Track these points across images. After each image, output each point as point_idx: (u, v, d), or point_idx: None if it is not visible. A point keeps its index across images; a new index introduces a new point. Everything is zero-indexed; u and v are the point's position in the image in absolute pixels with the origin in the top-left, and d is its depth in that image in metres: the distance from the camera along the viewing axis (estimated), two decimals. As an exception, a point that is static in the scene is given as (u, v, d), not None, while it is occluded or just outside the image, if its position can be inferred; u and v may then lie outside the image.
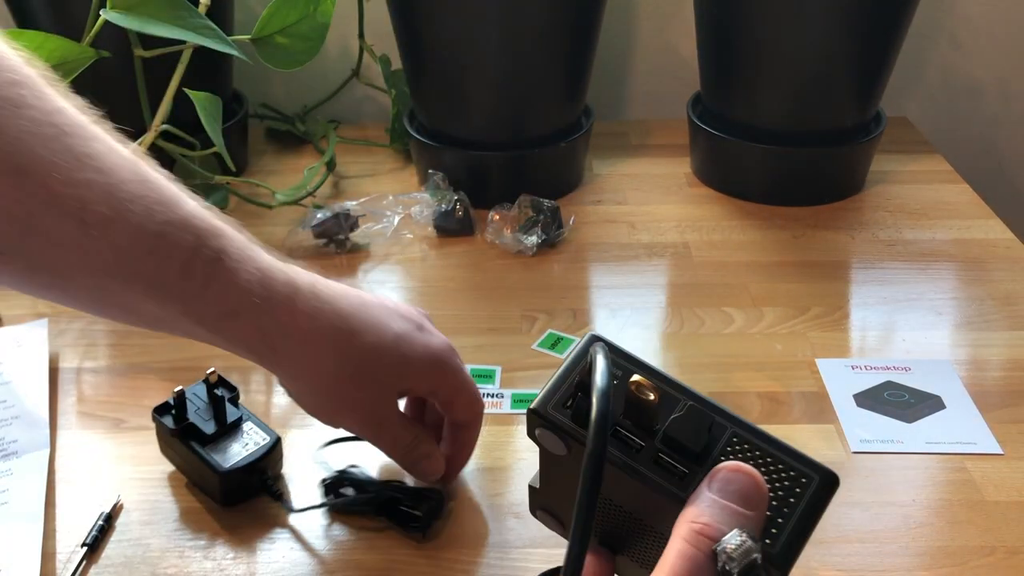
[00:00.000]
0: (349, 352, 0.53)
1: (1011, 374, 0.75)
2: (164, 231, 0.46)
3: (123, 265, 0.45)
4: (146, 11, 0.78)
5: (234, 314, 0.49)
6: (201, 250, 0.47)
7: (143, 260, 0.45)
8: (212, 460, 0.60)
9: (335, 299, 0.53)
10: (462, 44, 0.93)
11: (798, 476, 0.37)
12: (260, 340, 0.51)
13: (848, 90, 0.96)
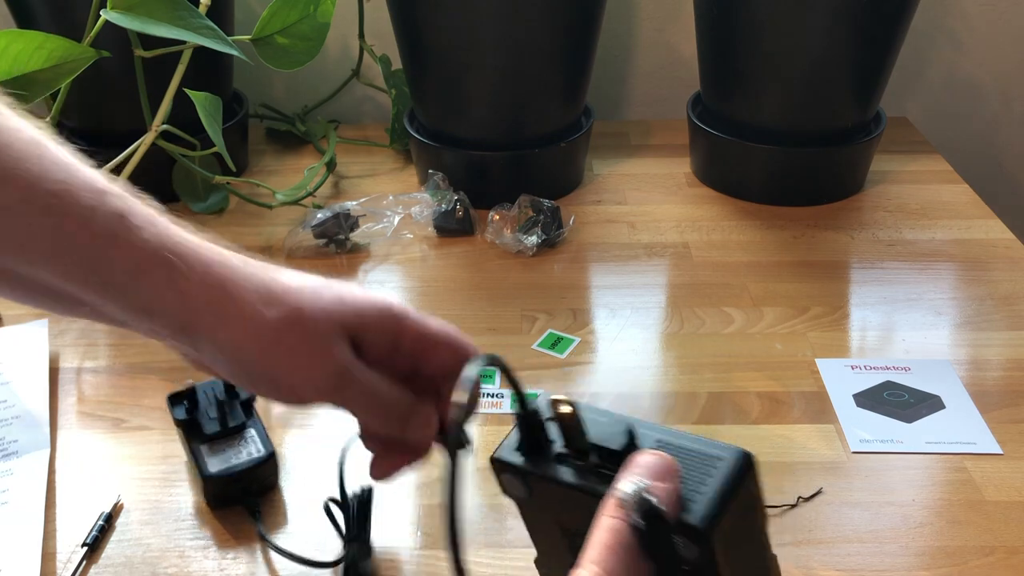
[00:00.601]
0: (277, 297, 0.48)
1: (1011, 374, 0.75)
2: (61, 190, 0.43)
3: (16, 227, 0.43)
4: (146, 11, 0.78)
5: (142, 271, 0.45)
6: (102, 208, 0.44)
7: (38, 220, 0.43)
8: (202, 461, 0.60)
9: (248, 260, 0.49)
10: (462, 44, 0.93)
11: (712, 459, 0.40)
12: (175, 298, 0.46)
13: (848, 90, 0.96)
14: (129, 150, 0.87)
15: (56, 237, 0.43)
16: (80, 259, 0.44)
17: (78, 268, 0.44)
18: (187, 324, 0.46)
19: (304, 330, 0.47)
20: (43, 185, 0.43)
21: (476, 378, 0.40)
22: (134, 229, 0.45)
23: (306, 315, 0.47)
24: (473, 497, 0.63)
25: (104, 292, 0.45)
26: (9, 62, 0.77)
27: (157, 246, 0.45)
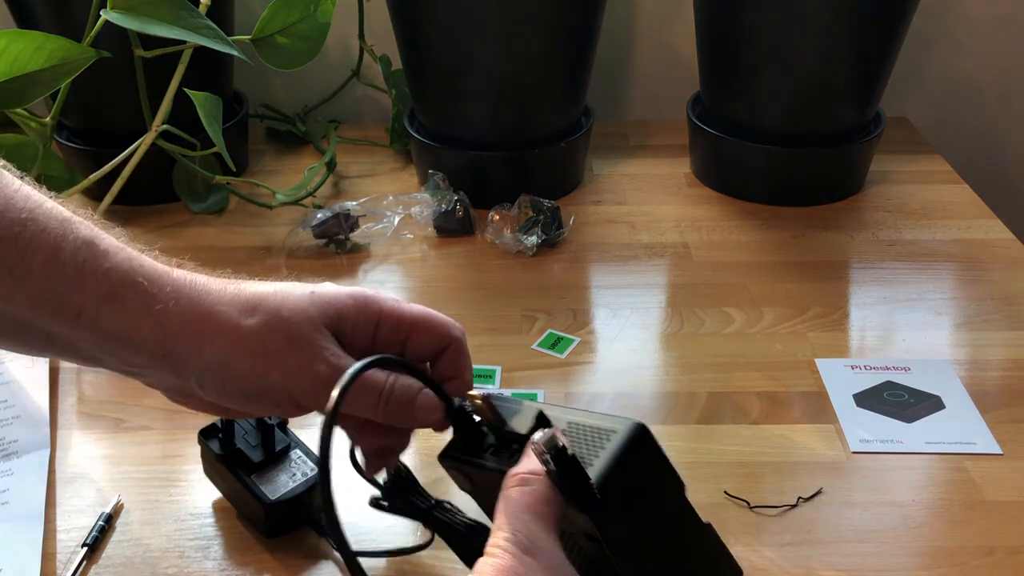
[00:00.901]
0: (253, 306, 0.47)
1: (1011, 374, 0.75)
2: (26, 219, 0.43)
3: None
4: (146, 11, 0.78)
5: (115, 296, 0.44)
6: (70, 235, 0.44)
7: (3, 251, 0.43)
8: (258, 490, 0.58)
9: (215, 280, 0.49)
10: (462, 44, 0.93)
11: (607, 432, 0.43)
12: (151, 323, 0.45)
13: (848, 90, 0.96)
14: (129, 150, 0.87)
15: (23, 267, 0.43)
16: (49, 288, 0.43)
17: (48, 298, 0.44)
18: (168, 349, 0.46)
19: (288, 333, 0.47)
20: (7, 215, 0.43)
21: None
22: (102, 256, 0.45)
23: (286, 317, 0.47)
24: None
25: (76, 323, 0.44)
26: (9, 62, 0.77)
27: (128, 271, 0.45)
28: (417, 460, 0.65)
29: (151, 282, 0.46)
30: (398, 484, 0.57)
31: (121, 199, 0.90)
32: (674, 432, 0.69)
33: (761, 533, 0.60)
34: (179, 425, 0.69)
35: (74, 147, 0.98)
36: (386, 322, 0.50)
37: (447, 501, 0.57)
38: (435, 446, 0.50)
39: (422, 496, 0.57)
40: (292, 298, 0.48)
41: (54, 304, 0.44)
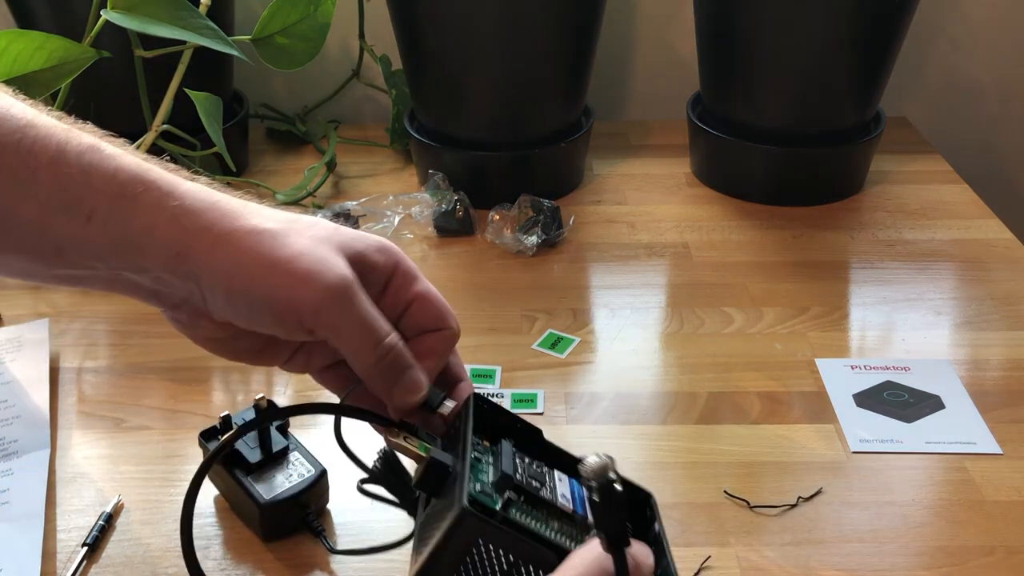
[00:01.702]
0: (269, 215, 0.45)
1: (1011, 374, 0.75)
2: (25, 128, 0.42)
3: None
4: (146, 11, 0.78)
5: (127, 196, 0.43)
6: (72, 140, 0.43)
7: (6, 157, 0.42)
8: (253, 491, 0.58)
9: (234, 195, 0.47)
10: (462, 44, 0.93)
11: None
12: (166, 221, 0.43)
13: (848, 90, 0.96)
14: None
15: (27, 170, 0.42)
16: (58, 191, 0.42)
17: (58, 200, 0.43)
18: (183, 246, 0.44)
19: (303, 244, 0.44)
20: (3, 123, 0.42)
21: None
22: (109, 158, 0.43)
23: (304, 231, 0.45)
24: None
25: (88, 224, 0.43)
26: (9, 62, 0.77)
27: (137, 171, 0.44)
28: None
29: (164, 181, 0.44)
30: (386, 469, 0.53)
31: (121, 199, 0.90)
32: (674, 432, 0.69)
33: (761, 533, 0.60)
34: (179, 425, 0.69)
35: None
36: (399, 278, 0.48)
37: None
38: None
39: (409, 485, 0.53)
40: (317, 222, 0.47)
41: (65, 205, 0.43)
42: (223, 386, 0.74)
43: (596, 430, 0.69)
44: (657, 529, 0.47)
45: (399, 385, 0.46)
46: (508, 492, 0.44)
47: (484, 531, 0.41)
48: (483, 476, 0.45)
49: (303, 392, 0.72)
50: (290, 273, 0.44)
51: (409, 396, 0.47)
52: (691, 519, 0.61)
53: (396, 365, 0.46)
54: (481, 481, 0.45)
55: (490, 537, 0.41)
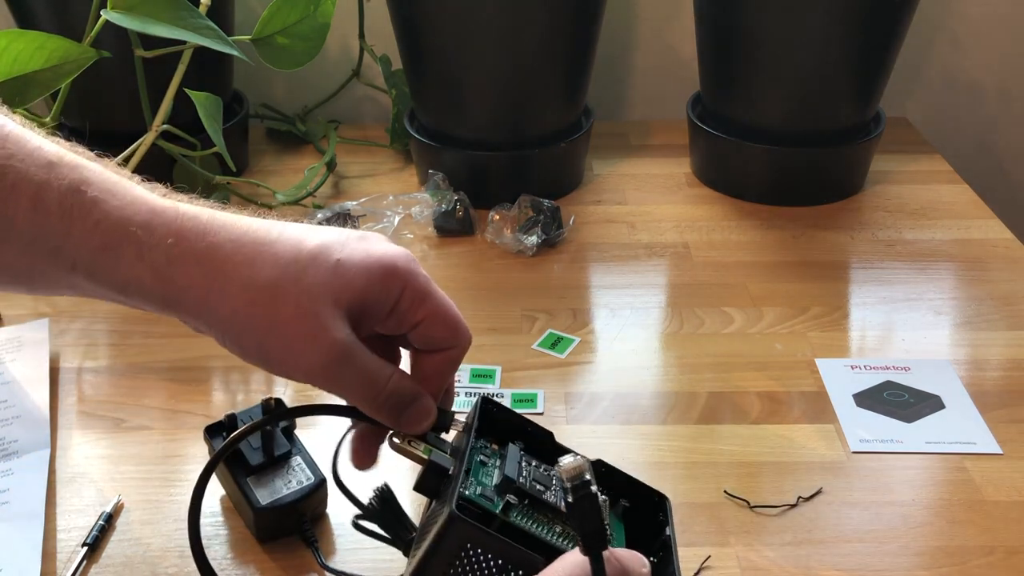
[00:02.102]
0: (262, 264, 0.43)
1: (1011, 374, 0.75)
2: (4, 169, 0.40)
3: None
4: (146, 11, 0.78)
5: (109, 247, 0.41)
6: (54, 182, 0.41)
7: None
8: (251, 493, 0.58)
9: (237, 221, 0.45)
10: (462, 44, 0.93)
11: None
12: (147, 274, 0.42)
13: (848, 90, 0.96)
14: (129, 150, 0.87)
15: (5, 218, 0.40)
16: (39, 239, 0.41)
17: (39, 248, 0.41)
18: (173, 300, 0.43)
19: (299, 307, 0.43)
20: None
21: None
22: (91, 204, 0.41)
23: (293, 287, 0.43)
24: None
25: (73, 272, 0.42)
26: (9, 62, 0.77)
27: (119, 220, 0.42)
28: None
29: (148, 230, 0.42)
30: (383, 507, 0.52)
31: (121, 199, 0.90)
32: (674, 432, 0.69)
33: (761, 533, 0.60)
34: (179, 425, 0.69)
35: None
36: (405, 301, 0.46)
37: None
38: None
39: (404, 524, 0.52)
40: (316, 265, 0.44)
41: (48, 252, 0.41)
42: (223, 386, 0.74)
43: (596, 430, 0.69)
44: (668, 533, 0.47)
45: (405, 416, 0.47)
46: (509, 495, 0.44)
47: (472, 535, 0.41)
48: (486, 479, 0.45)
49: (303, 392, 0.72)
50: (283, 340, 0.43)
51: (417, 426, 0.47)
52: (691, 519, 0.61)
53: (400, 403, 0.46)
54: (483, 484, 0.45)
55: (478, 541, 0.41)
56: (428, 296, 0.47)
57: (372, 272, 0.44)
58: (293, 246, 0.44)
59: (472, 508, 0.43)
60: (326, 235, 0.45)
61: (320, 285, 0.43)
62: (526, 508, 0.44)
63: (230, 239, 0.43)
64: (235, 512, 0.61)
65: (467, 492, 0.44)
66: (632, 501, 0.49)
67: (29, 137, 0.42)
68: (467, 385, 0.73)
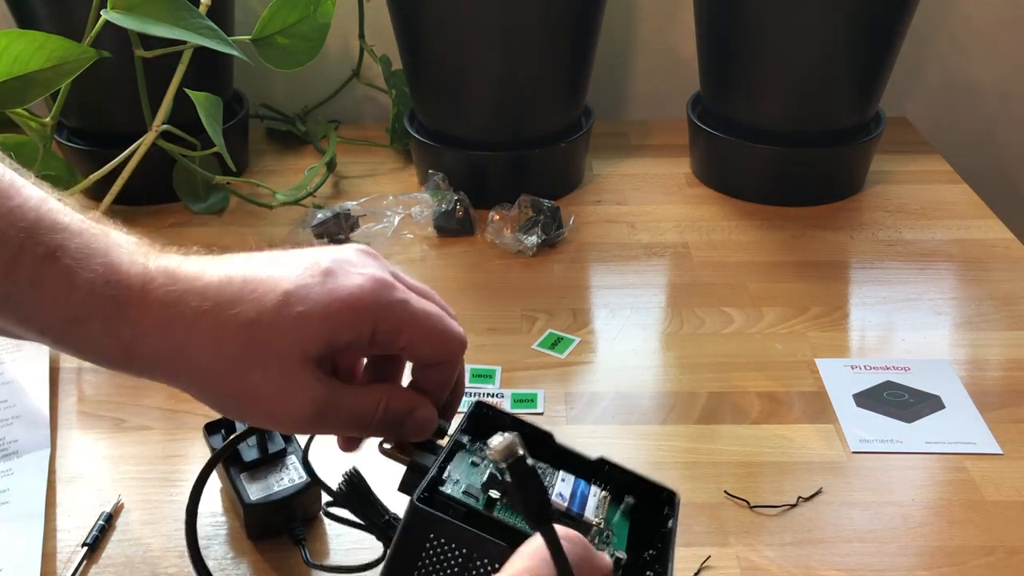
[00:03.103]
0: (221, 331, 0.42)
1: (1011, 374, 0.75)
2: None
3: None
4: (146, 11, 0.78)
5: (78, 320, 0.42)
6: (28, 248, 0.41)
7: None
8: (242, 489, 0.58)
9: (199, 276, 0.44)
10: (462, 44, 0.93)
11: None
12: (115, 347, 0.42)
13: (848, 90, 0.96)
14: (129, 150, 0.87)
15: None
16: (9, 305, 0.41)
17: (10, 313, 0.41)
18: (142, 370, 0.44)
19: (266, 375, 0.43)
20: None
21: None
22: (64, 272, 0.41)
23: (260, 352, 0.43)
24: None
25: (43, 338, 0.43)
26: (9, 62, 0.77)
27: (89, 292, 0.41)
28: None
29: (109, 300, 0.42)
30: (351, 491, 0.52)
31: (121, 199, 0.90)
32: (674, 432, 0.69)
33: (761, 533, 0.60)
34: (179, 425, 0.69)
35: (74, 147, 0.98)
36: (382, 334, 0.45)
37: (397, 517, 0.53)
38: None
39: (377, 508, 0.52)
40: (276, 330, 0.43)
41: (18, 319, 0.42)
42: (223, 386, 0.74)
43: (596, 430, 0.69)
44: (670, 526, 0.47)
45: (405, 431, 0.47)
46: (491, 491, 0.44)
47: (435, 526, 0.42)
48: (473, 478, 0.46)
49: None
50: (259, 406, 0.44)
51: (418, 437, 0.48)
52: (691, 519, 0.61)
53: (394, 422, 0.47)
54: (469, 482, 0.45)
55: (442, 531, 0.42)
56: (405, 323, 0.45)
57: (336, 318, 0.43)
58: (255, 303, 0.43)
59: (454, 505, 0.44)
60: (289, 277, 0.44)
61: (285, 345, 0.43)
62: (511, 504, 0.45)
63: (192, 307, 0.43)
64: (228, 513, 0.61)
65: (448, 490, 0.44)
66: (640, 498, 0.49)
67: (12, 193, 0.41)
68: (467, 386, 0.72)
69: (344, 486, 0.51)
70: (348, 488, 0.51)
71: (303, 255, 0.45)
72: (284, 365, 0.43)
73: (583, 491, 0.47)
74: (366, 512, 0.51)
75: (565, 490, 0.47)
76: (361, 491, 0.51)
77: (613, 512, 0.49)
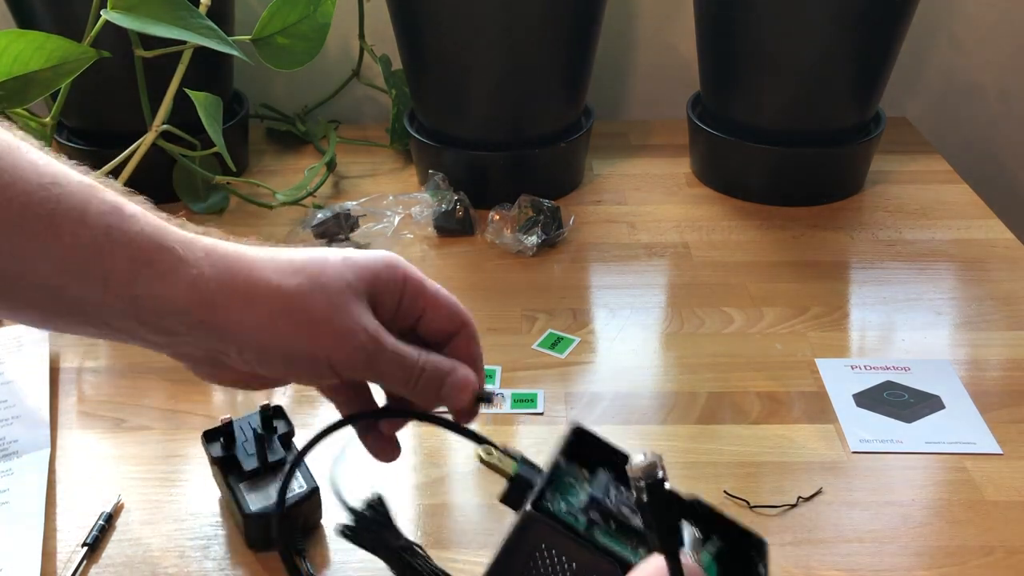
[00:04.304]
0: (283, 274, 0.45)
1: (1011, 374, 0.75)
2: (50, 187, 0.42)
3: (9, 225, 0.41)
4: (146, 11, 0.78)
5: (146, 261, 0.43)
6: (95, 200, 0.43)
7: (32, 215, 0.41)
8: (242, 499, 0.57)
9: (249, 248, 0.47)
10: (462, 44, 0.93)
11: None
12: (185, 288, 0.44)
13: (848, 90, 0.96)
14: (129, 150, 0.87)
15: (51, 231, 0.41)
16: (77, 254, 0.42)
17: (76, 264, 0.42)
18: (205, 314, 0.44)
19: (330, 299, 0.46)
20: (31, 179, 0.41)
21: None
22: (130, 220, 0.43)
23: (326, 283, 0.46)
24: (473, 497, 0.63)
25: (107, 290, 0.43)
26: (9, 62, 0.77)
27: (156, 235, 0.43)
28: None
29: (183, 246, 0.44)
30: (372, 515, 0.51)
31: (121, 199, 0.90)
32: (674, 432, 0.69)
33: (761, 533, 0.60)
34: (179, 425, 0.69)
35: (74, 147, 0.98)
36: (408, 291, 0.49)
37: (418, 544, 0.52)
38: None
39: (394, 533, 0.51)
40: (330, 264, 0.47)
41: (83, 270, 0.42)
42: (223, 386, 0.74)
43: (596, 430, 0.69)
44: (761, 572, 0.46)
45: (445, 390, 0.48)
46: (593, 514, 0.44)
47: (548, 536, 0.42)
48: (572, 499, 0.45)
49: (303, 392, 0.72)
50: (324, 335, 0.46)
51: (460, 397, 0.48)
52: (691, 519, 0.61)
53: (437, 378, 0.48)
54: (568, 502, 0.45)
55: (554, 542, 0.42)
56: (424, 285, 0.49)
57: (377, 264, 0.48)
58: (305, 253, 0.47)
59: (546, 512, 0.43)
60: (329, 250, 0.48)
61: (340, 277, 0.46)
62: (612, 530, 0.44)
63: (250, 256, 0.46)
64: (228, 513, 0.61)
65: (551, 507, 0.44)
66: (727, 541, 0.48)
67: (67, 164, 0.44)
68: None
69: (367, 510, 0.50)
70: (370, 512, 0.50)
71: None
72: (343, 298, 0.46)
73: None
74: (383, 539, 0.51)
75: None
76: (382, 517, 0.51)
77: (704, 552, 0.48)
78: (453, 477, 0.65)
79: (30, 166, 0.42)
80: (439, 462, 0.66)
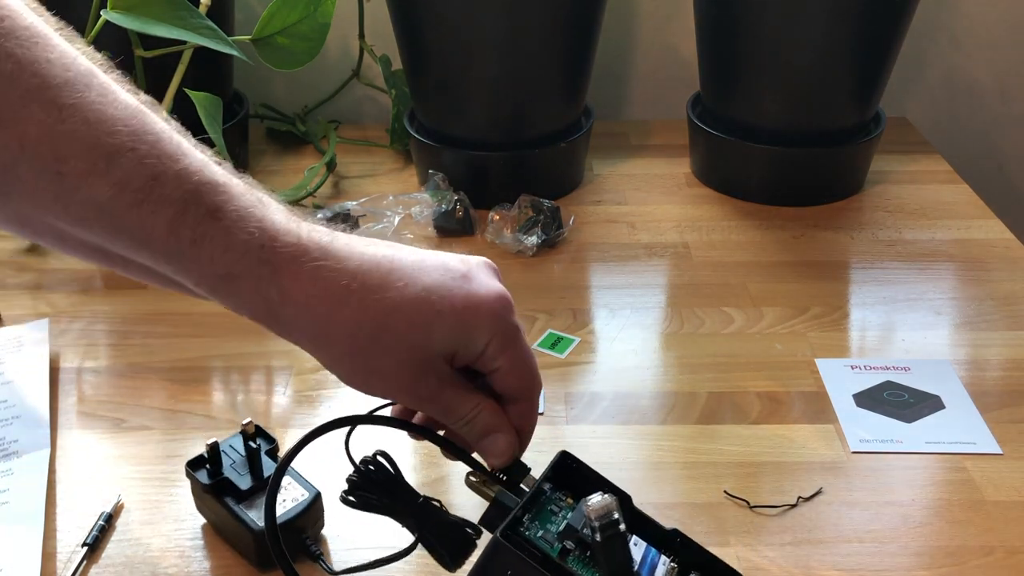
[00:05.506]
0: (363, 313, 0.46)
1: (1011, 374, 0.75)
2: (151, 186, 0.43)
3: (104, 219, 0.43)
4: (146, 11, 0.78)
5: (231, 277, 0.45)
6: (192, 206, 0.43)
7: (125, 215, 0.43)
8: (246, 518, 0.56)
9: (351, 256, 0.47)
10: (462, 44, 0.93)
11: None
12: (262, 305, 0.46)
13: (848, 90, 0.96)
14: (129, 150, 0.87)
15: (144, 230, 0.43)
16: (167, 253, 0.44)
17: (165, 260, 0.44)
18: (270, 324, 0.46)
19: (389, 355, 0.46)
20: (133, 182, 0.43)
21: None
22: (223, 232, 0.44)
23: (391, 337, 0.46)
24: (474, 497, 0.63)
25: (196, 287, 0.45)
26: (9, 62, 0.77)
27: (244, 252, 0.44)
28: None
29: (262, 263, 0.45)
30: (379, 475, 0.50)
31: (121, 199, 0.90)
32: (674, 432, 0.69)
33: (761, 533, 0.60)
34: (179, 425, 0.69)
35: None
36: (493, 346, 0.49)
37: (436, 499, 0.52)
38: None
39: (406, 491, 0.51)
40: (413, 323, 0.46)
41: (177, 269, 0.45)
42: (223, 386, 0.74)
43: (596, 430, 0.69)
44: None
45: (484, 445, 0.50)
46: (568, 542, 0.45)
47: (513, 561, 0.42)
48: (551, 526, 0.46)
49: (303, 392, 0.72)
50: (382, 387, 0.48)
51: (492, 458, 0.50)
52: (691, 519, 0.61)
53: (479, 432, 0.49)
54: (546, 529, 0.46)
55: (520, 569, 0.42)
56: (510, 346, 0.49)
57: (466, 323, 0.47)
58: (398, 292, 0.47)
59: (530, 548, 0.44)
60: (431, 275, 0.48)
61: (419, 338, 0.47)
62: (585, 558, 0.44)
63: (341, 285, 0.46)
64: (219, 542, 0.59)
65: (527, 532, 0.45)
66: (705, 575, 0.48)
67: (179, 156, 0.44)
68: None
69: (370, 468, 0.49)
70: (376, 472, 0.49)
71: (442, 255, 0.49)
72: (414, 354, 0.47)
73: (653, 559, 0.47)
74: (397, 496, 0.50)
75: (636, 555, 0.46)
76: (391, 475, 0.50)
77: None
78: (453, 477, 0.65)
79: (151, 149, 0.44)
80: (439, 462, 0.66)
